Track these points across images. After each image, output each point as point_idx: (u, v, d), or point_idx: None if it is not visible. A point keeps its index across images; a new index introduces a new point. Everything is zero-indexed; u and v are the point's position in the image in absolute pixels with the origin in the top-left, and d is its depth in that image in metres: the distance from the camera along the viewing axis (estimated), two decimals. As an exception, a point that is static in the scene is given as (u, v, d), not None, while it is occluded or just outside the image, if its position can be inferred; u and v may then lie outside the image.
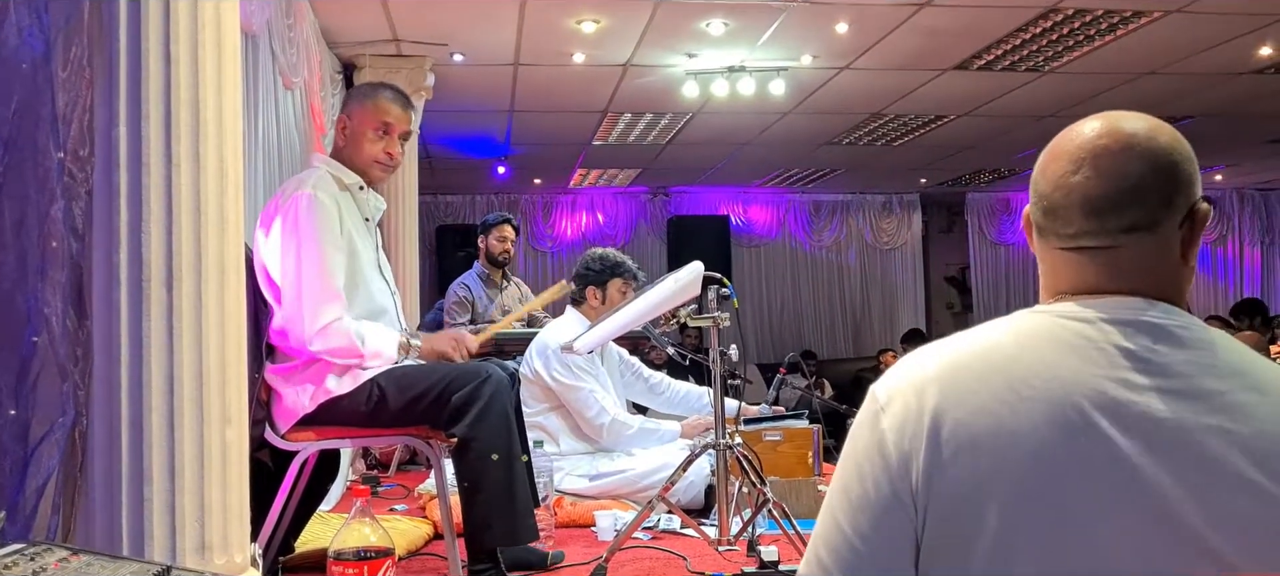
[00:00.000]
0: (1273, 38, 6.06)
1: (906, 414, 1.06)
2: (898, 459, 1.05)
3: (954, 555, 1.03)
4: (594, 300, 4.29)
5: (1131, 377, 1.03)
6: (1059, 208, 1.13)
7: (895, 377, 1.11)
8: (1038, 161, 1.18)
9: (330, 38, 5.69)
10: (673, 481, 3.10)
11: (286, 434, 2.70)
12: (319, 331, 2.59)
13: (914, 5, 5.35)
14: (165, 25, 1.70)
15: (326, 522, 3.50)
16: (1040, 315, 1.12)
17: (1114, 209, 1.10)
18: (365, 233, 2.83)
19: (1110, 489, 1.00)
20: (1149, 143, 1.11)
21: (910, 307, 12.16)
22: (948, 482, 1.03)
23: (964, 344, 1.11)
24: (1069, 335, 1.07)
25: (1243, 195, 12.37)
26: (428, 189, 9.57)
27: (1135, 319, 1.07)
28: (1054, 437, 1.01)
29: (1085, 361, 1.05)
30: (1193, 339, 1.06)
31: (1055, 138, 1.17)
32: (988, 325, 1.13)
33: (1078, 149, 1.13)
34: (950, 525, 1.03)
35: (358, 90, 2.95)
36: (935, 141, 8.79)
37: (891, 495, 1.05)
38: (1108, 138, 1.12)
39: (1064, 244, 1.14)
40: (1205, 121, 8.13)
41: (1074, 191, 1.12)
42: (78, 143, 1.71)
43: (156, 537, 1.70)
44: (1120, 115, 1.15)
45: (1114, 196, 1.10)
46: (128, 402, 1.70)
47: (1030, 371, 1.04)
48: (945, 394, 1.05)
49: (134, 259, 1.70)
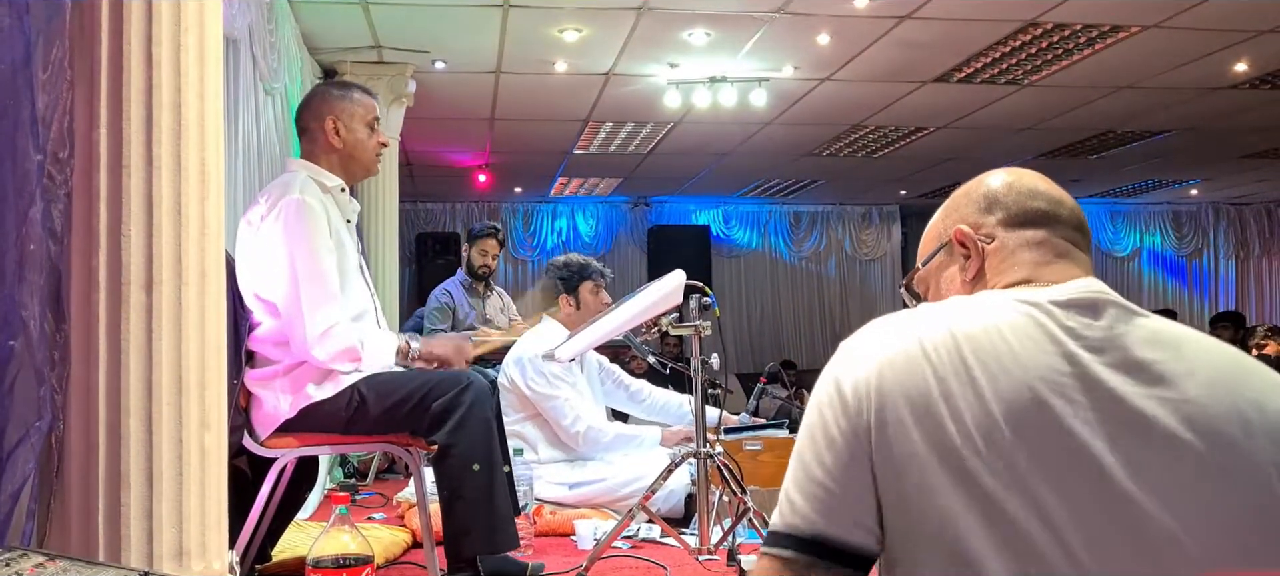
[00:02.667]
0: (1249, 54, 6.13)
1: (860, 372, 1.11)
2: (854, 404, 1.10)
3: (906, 513, 1.07)
4: (568, 307, 4.30)
5: (1076, 352, 1.09)
6: (1057, 202, 1.26)
7: (855, 339, 1.17)
8: (1002, 185, 1.29)
9: (311, 43, 5.67)
10: (653, 490, 3.10)
11: (265, 440, 2.68)
12: (320, 336, 2.58)
13: (895, 18, 5.39)
14: (147, 27, 1.69)
15: (304, 530, 3.47)
16: (995, 296, 1.18)
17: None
18: (348, 235, 2.82)
19: (1055, 457, 1.04)
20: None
21: (889, 319, 12.20)
22: (895, 446, 1.07)
23: (913, 317, 1.16)
24: (1016, 314, 1.12)
25: (1218, 209, 12.50)
26: (408, 196, 9.55)
27: (1077, 298, 1.14)
28: (1004, 410, 1.05)
29: (1033, 339, 1.10)
30: (1129, 317, 1.13)
31: (1010, 174, 1.30)
32: (944, 303, 1.21)
33: (1049, 184, 1.29)
34: (900, 486, 1.07)
35: (330, 94, 2.87)
36: (915, 153, 8.84)
37: (853, 435, 1.10)
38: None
39: (1063, 234, 1.24)
40: (1182, 135, 8.21)
41: (1062, 204, 1.26)
42: (58, 145, 1.69)
43: (133, 543, 1.68)
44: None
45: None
46: (105, 407, 1.68)
47: (981, 348, 1.09)
48: (890, 363, 1.10)
49: (113, 262, 1.68)
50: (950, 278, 1.29)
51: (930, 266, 1.33)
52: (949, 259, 1.30)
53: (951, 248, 1.29)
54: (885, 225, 12.19)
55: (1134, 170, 9.71)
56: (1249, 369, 1.11)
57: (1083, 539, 1.02)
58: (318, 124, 2.83)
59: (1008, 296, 1.17)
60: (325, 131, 2.82)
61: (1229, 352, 1.13)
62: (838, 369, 1.14)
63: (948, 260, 1.30)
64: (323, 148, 2.83)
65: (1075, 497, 1.03)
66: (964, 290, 1.27)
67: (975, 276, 1.26)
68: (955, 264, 1.28)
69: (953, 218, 1.30)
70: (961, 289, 1.27)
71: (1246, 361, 1.13)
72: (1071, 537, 1.02)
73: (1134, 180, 10.45)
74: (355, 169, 2.88)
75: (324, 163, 2.83)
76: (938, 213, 1.34)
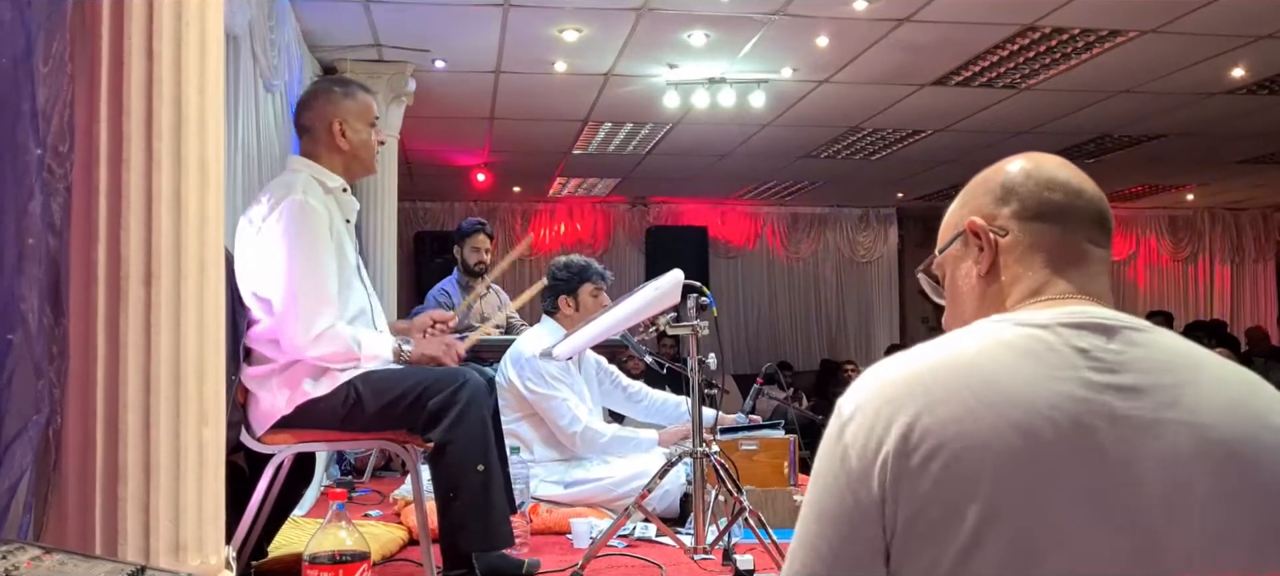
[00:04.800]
0: (1245, 59, 6.15)
1: (872, 424, 1.08)
2: (860, 469, 1.08)
3: (926, 559, 1.05)
4: (567, 308, 4.28)
5: (1089, 377, 1.07)
6: (1078, 195, 1.22)
7: (859, 390, 1.13)
8: (1020, 173, 1.26)
9: (311, 41, 5.67)
10: (649, 489, 3.10)
11: (262, 436, 2.68)
12: (314, 338, 2.58)
13: (894, 21, 5.40)
14: (148, 22, 1.69)
15: (300, 527, 3.47)
16: (999, 324, 1.15)
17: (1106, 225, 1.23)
18: (349, 235, 2.83)
19: (1076, 489, 1.03)
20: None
21: (885, 321, 12.22)
22: (918, 490, 1.04)
23: (929, 354, 1.13)
24: (1029, 341, 1.10)
25: (1213, 214, 12.52)
26: (406, 195, 9.54)
27: (1087, 321, 1.12)
28: (1021, 442, 1.03)
29: (1045, 365, 1.08)
30: (1141, 338, 1.11)
31: (1030, 161, 1.27)
32: (951, 335, 1.17)
33: (1070, 172, 1.25)
34: (922, 531, 1.05)
35: (333, 93, 2.86)
36: (912, 156, 8.85)
37: (854, 506, 1.08)
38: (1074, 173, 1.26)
39: (1080, 231, 1.20)
40: (1178, 140, 8.23)
41: (1081, 195, 1.22)
42: (58, 138, 1.69)
43: (130, 537, 1.68)
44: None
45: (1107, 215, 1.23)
46: (103, 400, 1.68)
47: (994, 378, 1.07)
48: (913, 403, 1.07)
49: (113, 256, 1.68)
50: (966, 271, 1.27)
51: (947, 255, 1.31)
52: (964, 250, 1.27)
53: (966, 238, 1.26)
54: (882, 228, 12.20)
55: (1131, 175, 9.73)
56: (1262, 389, 1.10)
57: (1095, 563, 1.01)
58: (322, 125, 2.82)
59: (1014, 321, 1.13)
60: (331, 133, 2.81)
61: (1242, 373, 1.12)
62: (843, 431, 1.11)
63: (963, 251, 1.28)
64: (326, 148, 2.82)
65: (1098, 525, 1.02)
66: (979, 284, 1.24)
67: (989, 270, 1.23)
68: (970, 256, 1.26)
69: (969, 206, 1.28)
70: (976, 283, 1.25)
71: (1259, 382, 1.12)
72: (1094, 565, 1.01)
73: (1130, 185, 10.48)
74: (357, 169, 2.89)
75: (326, 162, 2.82)
76: (959, 197, 1.32)
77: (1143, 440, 1.04)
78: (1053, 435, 1.04)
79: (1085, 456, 1.03)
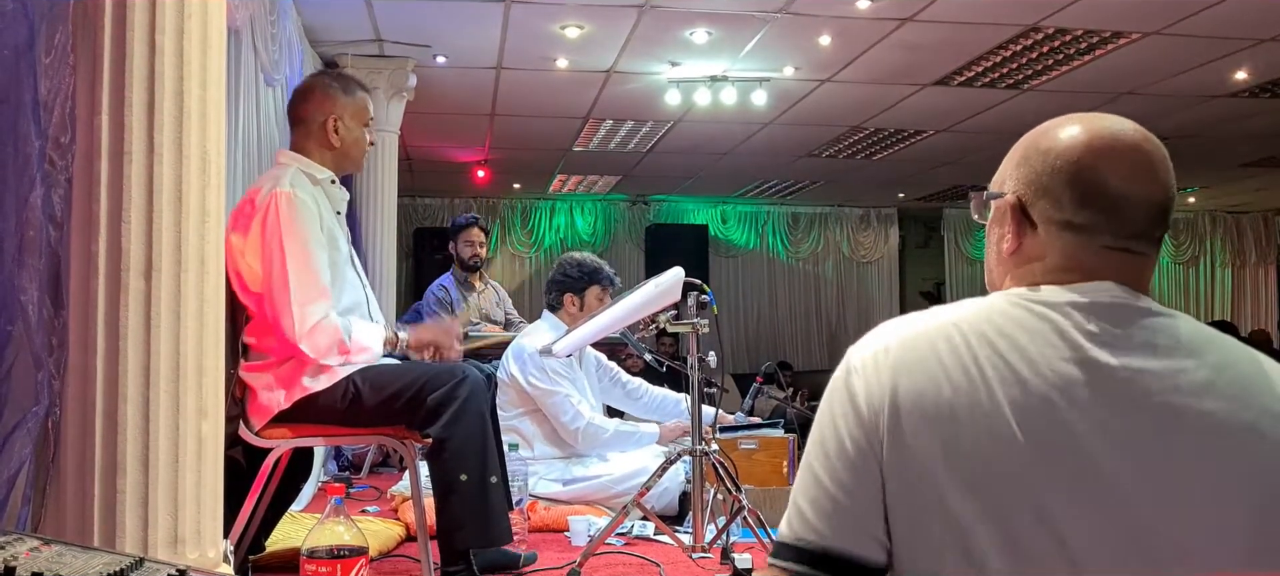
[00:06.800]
0: (1248, 62, 6.14)
1: (873, 380, 1.10)
2: (868, 415, 1.09)
3: (915, 522, 1.06)
4: (572, 307, 4.27)
5: (1092, 357, 1.06)
6: (1121, 205, 1.13)
7: (865, 345, 1.14)
8: (1086, 152, 1.15)
9: (312, 36, 5.67)
10: (648, 487, 3.10)
11: (261, 431, 2.68)
12: (308, 331, 2.58)
13: (896, 21, 5.39)
14: (151, 14, 1.69)
15: (298, 522, 3.47)
16: (1010, 298, 1.13)
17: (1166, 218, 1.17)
18: (339, 226, 2.82)
19: (1069, 466, 1.02)
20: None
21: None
22: (907, 454, 1.06)
23: (928, 321, 1.13)
24: (1033, 319, 1.09)
25: (1215, 217, 12.52)
26: (406, 191, 9.54)
27: (1100, 301, 1.10)
28: (1018, 417, 1.03)
29: (1045, 343, 1.07)
30: (1151, 322, 1.10)
31: (1089, 148, 1.15)
32: (962, 304, 1.15)
33: (1129, 167, 1.15)
34: (910, 495, 1.06)
35: (331, 89, 2.84)
36: (914, 156, 8.85)
37: (866, 446, 1.09)
38: (1152, 145, 1.18)
39: (1113, 243, 1.14)
40: (1180, 142, 8.21)
41: (1151, 195, 1.15)
42: (59, 130, 1.69)
43: (129, 529, 1.69)
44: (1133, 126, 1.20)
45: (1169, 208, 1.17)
46: (103, 393, 1.68)
47: (996, 353, 1.07)
48: (905, 369, 1.08)
49: (113, 248, 1.68)
50: (1000, 237, 1.21)
51: (994, 205, 1.22)
52: (1002, 217, 1.20)
53: (1006, 209, 1.19)
54: (883, 227, 12.20)
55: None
56: (1271, 374, 1.08)
57: (1094, 550, 1.01)
58: (317, 119, 2.82)
59: (1025, 297, 1.12)
60: (325, 128, 2.81)
61: (1251, 356, 1.10)
62: (850, 377, 1.12)
63: (1001, 216, 1.20)
64: (318, 142, 2.82)
65: (1089, 507, 1.01)
66: (1006, 261, 1.20)
67: (1013, 252, 1.18)
68: (1007, 226, 1.19)
69: (1022, 171, 1.18)
70: (1004, 258, 1.20)
71: (1269, 366, 1.10)
72: (1083, 548, 1.00)
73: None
74: (346, 166, 2.88)
75: (316, 156, 2.82)
76: (1023, 140, 1.22)
77: (1145, 424, 1.03)
78: (1051, 416, 1.03)
79: (1084, 439, 1.02)
